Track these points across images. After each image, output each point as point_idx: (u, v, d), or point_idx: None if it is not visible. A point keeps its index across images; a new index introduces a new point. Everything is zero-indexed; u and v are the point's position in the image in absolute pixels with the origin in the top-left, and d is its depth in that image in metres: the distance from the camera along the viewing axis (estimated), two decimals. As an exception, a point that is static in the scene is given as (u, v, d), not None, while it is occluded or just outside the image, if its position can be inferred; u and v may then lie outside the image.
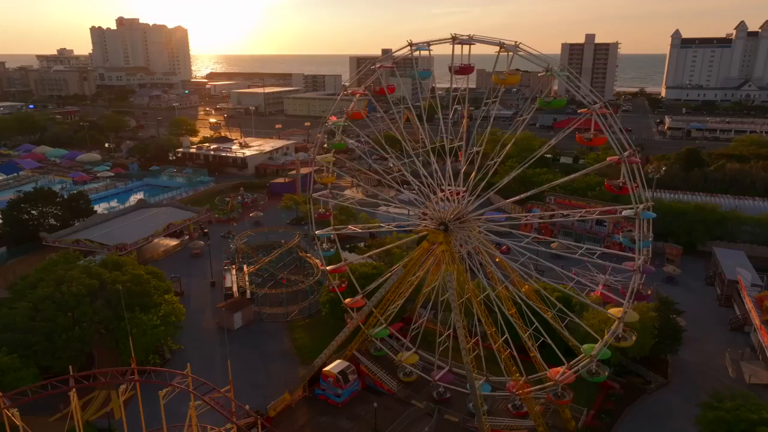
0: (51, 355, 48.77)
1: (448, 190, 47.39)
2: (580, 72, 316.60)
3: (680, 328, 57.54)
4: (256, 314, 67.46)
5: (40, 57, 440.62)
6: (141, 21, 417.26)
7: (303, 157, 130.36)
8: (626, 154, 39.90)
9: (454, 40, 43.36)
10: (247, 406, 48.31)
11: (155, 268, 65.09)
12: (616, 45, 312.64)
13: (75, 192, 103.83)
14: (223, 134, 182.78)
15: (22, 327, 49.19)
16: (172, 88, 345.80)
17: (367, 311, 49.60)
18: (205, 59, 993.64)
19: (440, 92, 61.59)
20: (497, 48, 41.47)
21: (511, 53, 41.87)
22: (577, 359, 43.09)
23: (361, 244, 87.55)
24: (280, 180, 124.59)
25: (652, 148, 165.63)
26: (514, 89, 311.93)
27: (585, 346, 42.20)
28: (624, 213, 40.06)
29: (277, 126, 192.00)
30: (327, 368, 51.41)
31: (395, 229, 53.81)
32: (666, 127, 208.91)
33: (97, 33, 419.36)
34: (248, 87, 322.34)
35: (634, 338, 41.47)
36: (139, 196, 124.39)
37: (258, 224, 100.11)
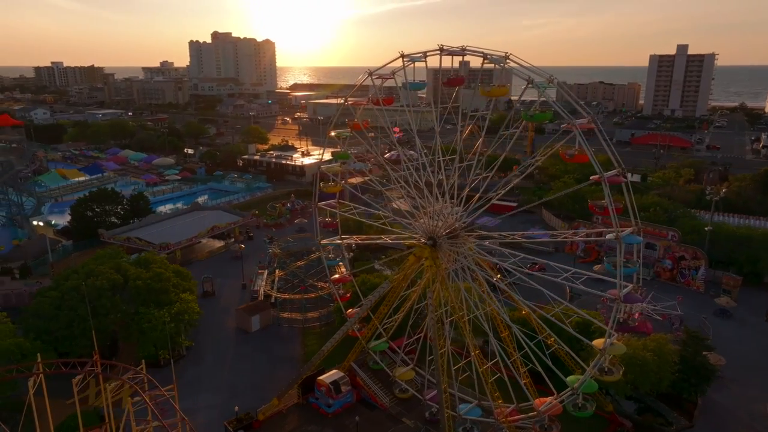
0: (69, 342, 52.69)
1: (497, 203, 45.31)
2: (669, 85, 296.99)
3: (711, 366, 51.95)
4: (274, 318, 69.04)
5: (145, 69, 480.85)
6: (233, 35, 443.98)
7: (360, 167, 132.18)
8: (611, 173, 36.89)
9: (442, 51, 42.42)
10: (236, 408, 49.71)
11: (182, 268, 68.61)
12: (712, 56, 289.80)
13: (136, 193, 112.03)
14: (290, 143, 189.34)
15: (48, 314, 53.61)
16: (257, 98, 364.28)
17: (353, 324, 49.27)
18: (295, 71, 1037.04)
19: (518, 105, 60.89)
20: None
21: (502, 65, 40.10)
22: (564, 391, 40.17)
23: (396, 257, 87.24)
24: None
25: (740, 168, 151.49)
26: (595, 102, 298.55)
27: (570, 377, 39.25)
28: (607, 236, 36.93)
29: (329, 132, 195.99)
30: (321, 377, 51.56)
31: (386, 241, 52.90)
32: (761, 145, 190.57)
33: (194, 46, 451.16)
34: (326, 98, 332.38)
35: (621, 372, 38.00)
36: (204, 198, 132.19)
37: (301, 230, 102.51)
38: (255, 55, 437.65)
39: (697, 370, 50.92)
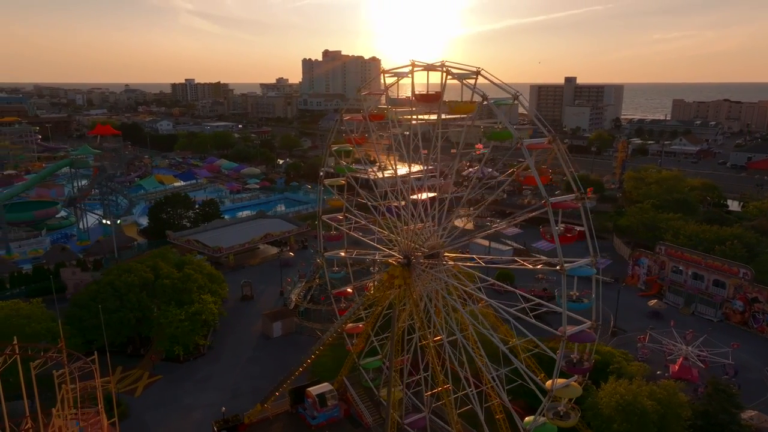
0: (96, 331, 57.93)
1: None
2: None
3: (739, 426, 44.70)
4: (297, 326, 70.65)
5: (262, 85, 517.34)
6: (343, 53, 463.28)
7: (435, 182, 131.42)
8: (566, 197, 33.48)
9: (414, 66, 41.62)
10: (223, 409, 51.55)
11: (216, 271, 72.67)
12: None
13: (219, 199, 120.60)
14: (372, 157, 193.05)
15: (83, 304, 59.47)
16: (360, 113, 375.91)
17: (328, 337, 49.10)
18: (402, 87, 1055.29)
19: (625, 123, 58.30)
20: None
21: (473, 80, 38.35)
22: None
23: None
24: (396, 203, 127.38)
25: None
26: (713, 122, 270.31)
27: (527, 418, 35.86)
28: (557, 267, 33.36)
29: (423, 152, 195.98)
30: (311, 388, 51.94)
31: (370, 257, 52.04)
32: None
33: (306, 64, 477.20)
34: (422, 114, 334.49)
35: (577, 417, 33.99)
36: (281, 207, 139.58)
37: (356, 243, 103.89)
38: (361, 72, 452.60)
39: (721, 429, 44.13)
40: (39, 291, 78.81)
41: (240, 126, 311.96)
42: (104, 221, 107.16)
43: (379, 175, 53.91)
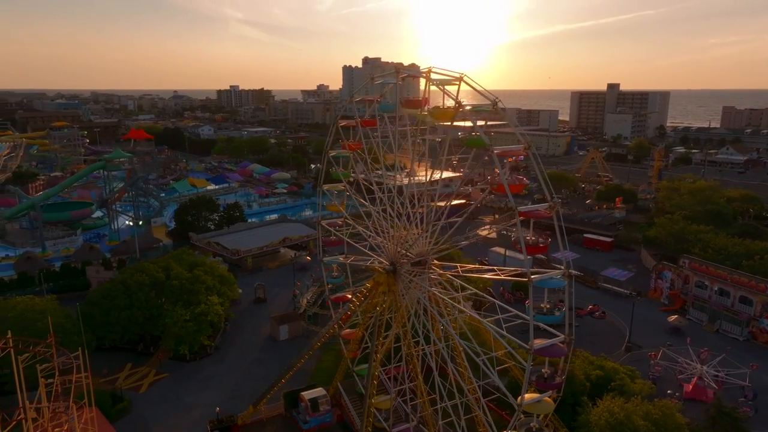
0: (105, 328, 60.00)
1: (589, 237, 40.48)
2: None
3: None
4: (304, 329, 71.09)
5: (303, 92, 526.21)
6: (383, 60, 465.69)
7: (464, 191, 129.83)
8: (538, 206, 32.33)
9: (399, 72, 41.41)
10: (217, 409, 52.33)
11: (228, 273, 74.04)
12: None
13: (247, 203, 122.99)
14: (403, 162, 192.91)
15: (95, 302, 61.69)
16: (400, 120, 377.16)
17: (320, 341, 49.12)
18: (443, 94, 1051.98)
19: (670, 131, 57.09)
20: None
21: (456, 86, 37.84)
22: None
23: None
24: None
25: None
26: (765, 131, 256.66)
27: (502, 432, 34.80)
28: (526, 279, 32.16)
29: (453, 159, 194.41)
30: (304, 392, 52.10)
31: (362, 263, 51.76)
32: None
33: (347, 71, 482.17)
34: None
35: (550, 436, 32.70)
36: (308, 212, 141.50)
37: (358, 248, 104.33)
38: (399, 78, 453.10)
39: (724, 454, 41.69)
40: (66, 288, 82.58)
41: (278, 131, 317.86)
42: (128, 222, 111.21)
43: (405, 181, 53.74)
